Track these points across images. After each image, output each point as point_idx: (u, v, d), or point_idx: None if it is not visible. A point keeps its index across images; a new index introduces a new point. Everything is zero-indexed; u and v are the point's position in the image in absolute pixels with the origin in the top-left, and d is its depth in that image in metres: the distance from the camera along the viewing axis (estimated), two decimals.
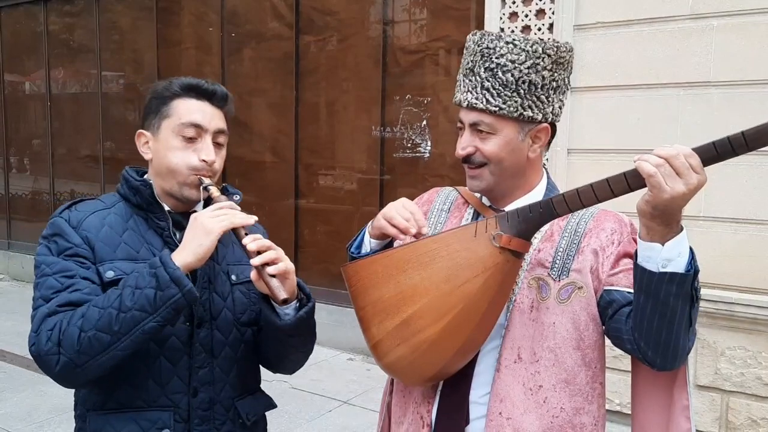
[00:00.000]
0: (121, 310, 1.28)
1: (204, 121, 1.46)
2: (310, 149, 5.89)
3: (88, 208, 1.49)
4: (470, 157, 1.43)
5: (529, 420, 1.37)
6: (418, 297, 1.31)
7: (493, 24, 4.21)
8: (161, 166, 1.47)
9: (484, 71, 1.39)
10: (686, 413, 1.36)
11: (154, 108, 1.49)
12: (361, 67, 5.57)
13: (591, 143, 3.96)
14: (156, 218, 1.48)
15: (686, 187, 1.11)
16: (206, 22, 6.43)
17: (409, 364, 1.35)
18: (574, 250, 1.40)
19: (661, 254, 1.19)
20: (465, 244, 1.30)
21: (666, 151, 1.13)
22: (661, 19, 3.76)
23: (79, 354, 1.28)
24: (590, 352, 1.40)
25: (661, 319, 1.23)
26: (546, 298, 1.39)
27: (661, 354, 1.27)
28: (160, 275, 1.29)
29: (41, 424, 4.01)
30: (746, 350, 3.64)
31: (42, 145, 8.00)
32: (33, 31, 7.86)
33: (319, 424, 4.14)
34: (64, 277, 1.37)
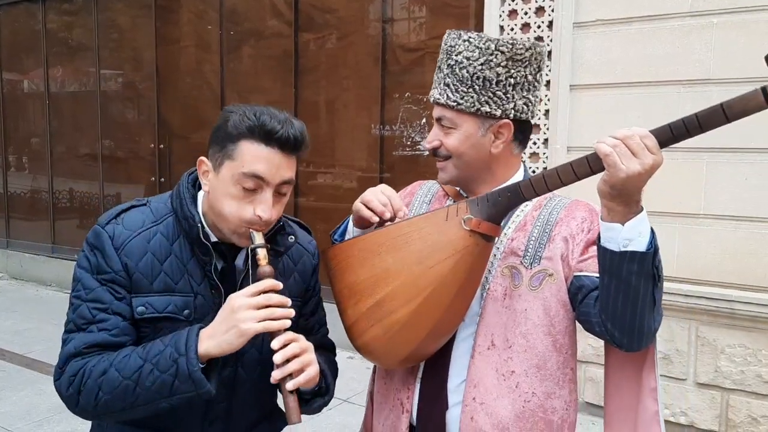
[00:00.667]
0: (139, 386, 1.29)
1: (267, 172, 1.32)
2: (310, 147, 5.87)
3: (135, 225, 1.41)
4: (436, 150, 1.49)
5: (502, 404, 1.42)
6: (391, 279, 1.35)
7: (493, 22, 4.20)
8: (215, 206, 1.37)
9: (447, 68, 1.46)
10: (654, 395, 1.41)
11: (221, 141, 1.35)
12: (360, 65, 5.56)
13: (590, 141, 3.94)
14: (201, 252, 1.40)
15: (641, 167, 1.15)
16: (205, 20, 6.42)
17: (382, 344, 1.39)
18: (545, 239, 1.44)
19: (621, 234, 1.22)
20: (436, 227, 1.34)
21: (622, 133, 1.17)
22: (661, 17, 3.76)
23: (95, 410, 1.32)
24: (561, 337, 1.44)
25: (625, 299, 1.26)
26: (518, 286, 1.43)
27: (628, 334, 1.30)
28: (180, 367, 1.27)
29: (40, 423, 4.00)
30: (746, 348, 3.64)
31: (40, 144, 7.98)
32: (31, 29, 7.85)
33: (319, 422, 4.14)
34: (96, 309, 1.36)
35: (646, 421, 1.41)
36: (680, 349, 3.82)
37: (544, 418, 1.44)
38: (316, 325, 1.62)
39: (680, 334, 3.82)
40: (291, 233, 1.52)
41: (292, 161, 1.38)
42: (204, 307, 1.40)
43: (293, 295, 1.47)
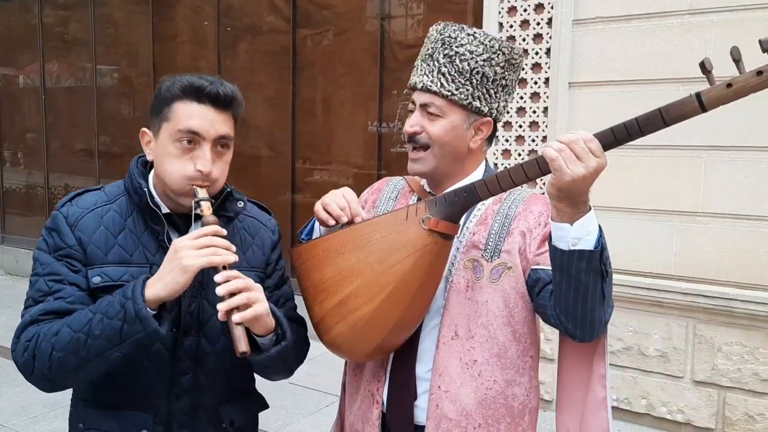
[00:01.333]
0: (90, 336, 1.29)
1: (202, 127, 1.38)
2: (307, 144, 5.87)
3: (88, 204, 1.47)
4: (416, 136, 1.50)
5: (465, 392, 1.48)
6: (354, 277, 1.40)
7: (492, 18, 4.19)
8: (160, 171, 1.43)
9: (443, 57, 1.48)
10: (602, 382, 1.48)
11: (157, 108, 1.43)
12: (358, 61, 5.54)
13: None
14: (152, 222, 1.45)
15: (586, 170, 1.19)
16: (202, 16, 6.39)
17: (347, 340, 1.44)
18: (504, 233, 1.49)
19: (570, 233, 1.27)
20: (397, 227, 1.40)
21: (567, 137, 1.21)
22: (660, 14, 3.75)
23: (50, 371, 1.33)
24: (520, 327, 1.50)
25: (576, 294, 1.31)
26: (480, 278, 1.48)
27: (580, 327, 1.36)
28: (127, 309, 1.28)
29: (36, 419, 3.99)
30: (744, 346, 3.64)
31: (36, 139, 7.95)
32: (27, 24, 7.80)
33: (316, 419, 4.13)
34: (52, 281, 1.39)
35: (595, 405, 1.48)
36: (677, 347, 3.82)
37: (505, 404, 1.50)
38: (281, 298, 1.62)
39: (678, 332, 3.82)
40: (239, 199, 1.55)
41: (227, 118, 1.44)
42: None
43: (254, 267, 1.54)
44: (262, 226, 1.64)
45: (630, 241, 3.92)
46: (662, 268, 3.84)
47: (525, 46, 4.10)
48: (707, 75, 1.15)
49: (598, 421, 1.48)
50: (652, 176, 3.84)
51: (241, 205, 1.54)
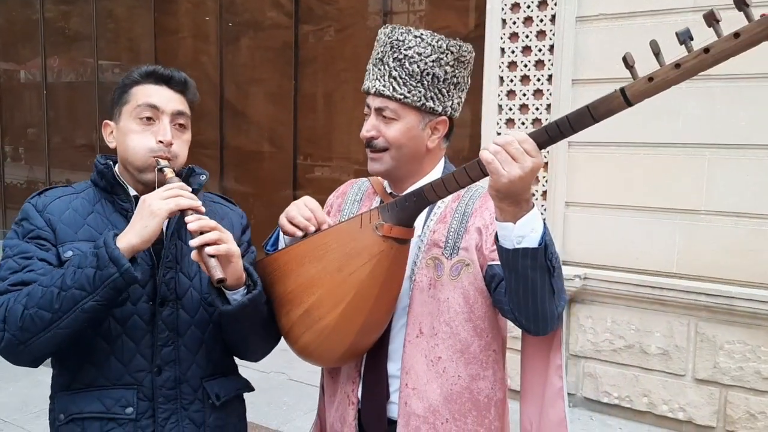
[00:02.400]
0: (62, 288, 1.29)
1: (160, 102, 1.47)
2: (309, 140, 5.86)
3: (56, 193, 1.53)
4: (373, 140, 1.53)
5: (431, 389, 1.51)
6: (316, 287, 1.43)
7: (495, 15, 4.17)
8: (123, 152, 1.49)
9: (393, 61, 1.49)
10: (559, 372, 1.52)
11: (117, 97, 1.52)
12: (360, 57, 5.52)
13: (592, 137, 3.92)
14: (120, 200, 1.50)
15: (522, 171, 1.20)
16: (204, 11, 6.37)
17: (316, 348, 1.48)
18: (462, 230, 1.52)
19: (514, 232, 1.29)
20: (352, 235, 1.42)
21: (502, 139, 1.23)
22: (663, 11, 3.73)
23: (21, 331, 1.31)
24: (481, 323, 1.52)
25: (525, 291, 1.34)
26: (441, 276, 1.51)
27: (533, 321, 1.39)
28: (100, 255, 1.29)
29: (38, 414, 3.99)
30: (745, 344, 3.64)
31: (37, 134, 7.94)
32: (29, 18, 7.79)
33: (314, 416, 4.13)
34: (22, 258, 1.40)
35: (552, 395, 1.52)
36: (679, 345, 3.82)
37: (470, 399, 1.53)
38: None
39: (679, 330, 3.81)
40: (201, 173, 1.58)
41: (183, 99, 1.52)
42: None
43: None
44: (229, 210, 1.68)
45: (632, 239, 3.91)
46: (664, 266, 3.83)
47: (528, 43, 4.09)
48: (630, 70, 1.18)
49: (555, 410, 1.52)
50: (655, 174, 3.83)
51: (204, 177, 1.57)
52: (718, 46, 1.09)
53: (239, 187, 6.12)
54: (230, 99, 6.22)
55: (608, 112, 1.20)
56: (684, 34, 1.12)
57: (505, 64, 4.18)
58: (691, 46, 1.11)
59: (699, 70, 1.13)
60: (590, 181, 4.02)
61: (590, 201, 4.04)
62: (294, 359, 1.63)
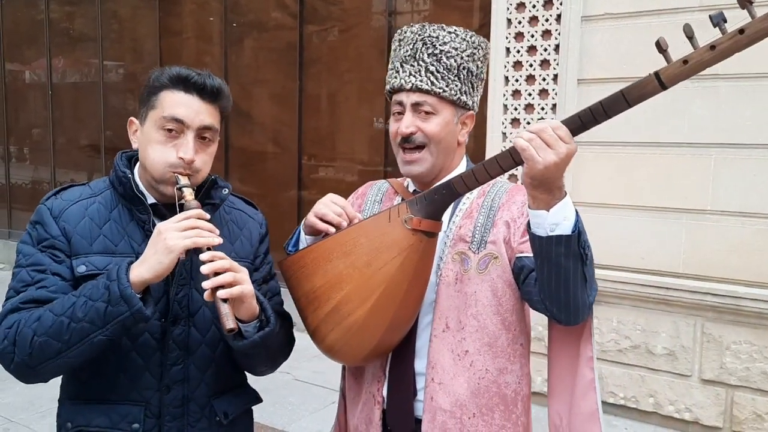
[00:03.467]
0: (73, 320, 1.27)
1: (187, 116, 1.39)
2: (313, 140, 5.86)
3: (72, 196, 1.47)
4: (411, 136, 1.52)
5: (458, 383, 1.51)
6: (344, 283, 1.42)
7: (500, 15, 4.17)
8: (143, 158, 1.44)
9: (429, 57, 1.50)
10: (590, 364, 1.50)
11: (145, 97, 1.45)
12: (364, 57, 5.53)
13: (598, 136, 3.92)
14: (138, 211, 1.45)
15: (557, 157, 1.21)
16: (208, 12, 6.38)
17: (344, 345, 1.46)
18: (490, 224, 1.53)
19: (547, 220, 1.29)
20: (381, 229, 1.42)
21: (536, 126, 1.24)
22: (669, 11, 3.72)
23: (30, 357, 1.30)
24: (509, 316, 1.53)
25: (557, 279, 1.33)
26: (468, 270, 1.51)
27: (564, 311, 1.38)
28: (111, 290, 1.27)
29: (43, 414, 4.00)
30: (752, 344, 3.63)
31: (43, 135, 7.96)
32: (34, 19, 7.81)
33: (321, 415, 4.13)
34: (35, 270, 1.38)
35: (584, 387, 1.50)
36: (685, 345, 3.80)
37: (498, 393, 1.53)
38: (268, 293, 1.61)
39: (685, 330, 3.80)
40: (224, 186, 1.54)
41: (213, 110, 1.44)
42: None
43: (241, 258, 1.53)
44: (249, 218, 1.64)
45: (638, 239, 3.90)
46: (670, 266, 3.82)
47: (534, 43, 4.08)
48: (663, 54, 1.19)
49: (587, 402, 1.50)
50: (661, 174, 3.82)
51: (226, 191, 1.53)
52: (754, 26, 1.10)
53: (244, 187, 6.13)
54: (234, 99, 6.13)
55: (642, 96, 1.20)
56: (717, 17, 1.12)
57: (510, 63, 4.17)
58: (725, 28, 1.11)
59: (734, 51, 1.13)
60: (596, 180, 4.01)
61: (596, 201, 4.03)
62: (299, 359, 1.64)
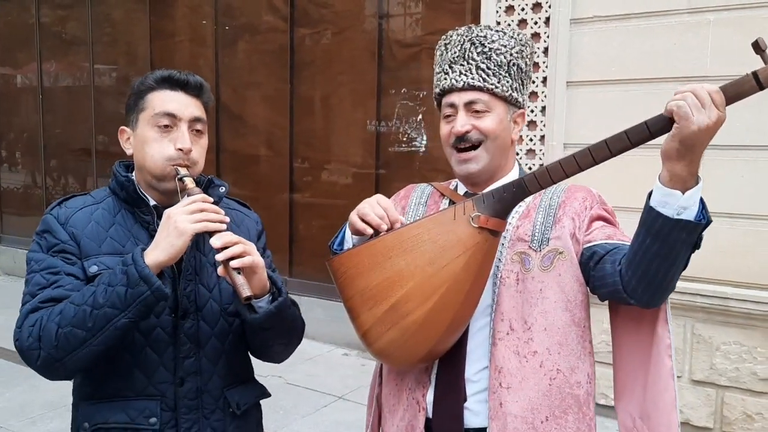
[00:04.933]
0: (95, 307, 1.31)
1: (178, 109, 1.47)
2: (306, 143, 5.86)
3: (76, 204, 1.52)
4: (466, 135, 1.50)
5: (528, 386, 1.45)
6: (405, 281, 1.36)
7: (490, 18, 4.18)
8: (140, 159, 1.49)
9: (478, 55, 1.50)
10: (669, 352, 1.45)
11: (133, 104, 1.51)
12: (356, 60, 5.53)
13: (587, 138, 3.93)
14: (141, 212, 1.50)
15: (709, 120, 1.16)
16: (200, 15, 6.38)
17: (399, 346, 1.41)
18: (550, 222, 1.50)
19: (679, 201, 1.24)
20: (445, 227, 1.37)
21: (690, 86, 1.19)
22: (658, 13, 3.75)
23: (57, 349, 1.33)
24: (578, 312, 1.48)
25: (663, 262, 1.29)
26: (530, 269, 1.47)
27: (652, 292, 1.34)
28: (130, 273, 1.31)
29: (34, 420, 3.98)
30: (741, 345, 3.65)
31: (34, 139, 7.93)
32: (25, 23, 7.79)
33: (313, 419, 4.13)
34: (49, 273, 1.41)
35: (665, 378, 1.43)
36: (676, 346, 3.81)
37: (571, 394, 1.46)
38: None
39: (675, 331, 3.81)
40: (221, 185, 1.58)
41: (199, 103, 1.52)
42: None
43: None
44: (245, 216, 1.70)
45: None
46: None
47: None
48: (761, 54, 1.18)
49: (669, 393, 1.43)
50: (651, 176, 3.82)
51: (224, 189, 1.58)
52: None
53: (236, 190, 6.11)
54: (226, 102, 6.22)
55: (737, 96, 1.19)
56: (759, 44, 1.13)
57: None
58: None
59: None
60: (587, 182, 4.01)
61: None
62: (292, 363, 1.63)
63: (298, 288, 5.40)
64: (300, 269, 5.79)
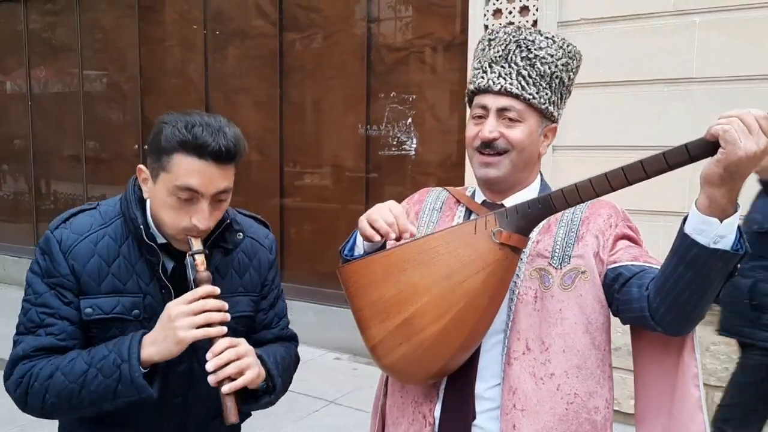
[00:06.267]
0: (84, 389, 1.34)
1: (201, 186, 1.33)
2: (296, 147, 5.86)
3: (82, 228, 1.43)
4: (493, 142, 1.43)
5: (543, 409, 1.38)
6: (419, 296, 1.30)
7: (477, 21, 4.21)
8: (155, 214, 1.41)
9: (522, 60, 1.42)
10: (696, 381, 1.37)
11: (156, 152, 1.36)
12: (346, 64, 5.54)
13: (576, 140, 3.96)
14: (148, 253, 1.43)
15: (757, 146, 1.10)
16: (189, 20, 6.37)
17: (411, 363, 1.35)
18: (572, 238, 1.43)
19: (717, 230, 1.17)
20: (465, 240, 1.31)
21: (737, 111, 1.13)
22: (644, 16, 3.78)
23: (42, 411, 1.40)
24: (599, 335, 1.42)
25: (695, 291, 1.23)
26: (549, 287, 1.40)
27: (681, 321, 1.28)
28: (123, 372, 1.32)
29: (23, 428, 3.96)
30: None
31: (23, 145, 7.90)
32: (13, 29, 7.76)
33: (305, 423, 4.13)
34: (44, 313, 1.40)
35: (691, 408, 1.37)
36: None
37: (588, 419, 1.40)
38: (275, 318, 1.65)
39: None
40: (239, 230, 1.53)
41: (228, 171, 1.38)
42: (153, 307, 1.43)
43: (249, 291, 1.55)
44: (260, 247, 1.62)
45: None
46: None
47: None
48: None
49: (696, 424, 1.36)
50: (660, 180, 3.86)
51: (240, 236, 1.53)
52: None
53: None
54: (216, 107, 6.22)
55: None
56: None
57: None
58: None
59: None
60: None
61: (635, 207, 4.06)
62: None
63: (290, 292, 5.37)
64: (291, 273, 5.78)
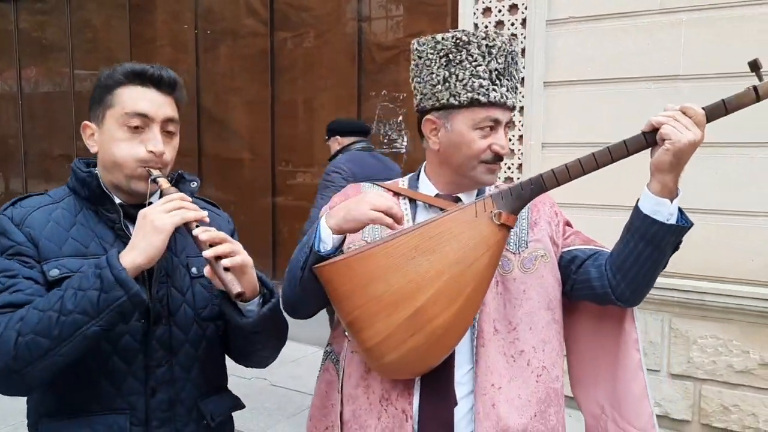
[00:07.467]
0: (62, 313, 1.19)
1: (150, 109, 1.35)
2: (287, 146, 5.87)
3: (33, 204, 1.40)
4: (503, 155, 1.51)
5: (517, 385, 1.46)
6: (430, 283, 1.29)
7: (467, 20, 4.23)
8: (107, 159, 1.38)
9: (516, 72, 1.52)
10: (636, 345, 1.54)
11: (98, 98, 1.38)
12: (336, 63, 5.56)
13: (564, 137, 4.00)
14: (106, 211, 1.39)
15: (695, 137, 1.31)
16: (180, 20, 6.38)
17: (421, 354, 1.33)
18: (525, 225, 1.54)
19: (668, 209, 1.36)
20: (468, 225, 1.35)
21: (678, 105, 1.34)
22: (632, 14, 3.81)
23: (15, 359, 1.19)
24: (557, 310, 1.54)
25: (653, 264, 1.40)
26: (509, 271, 1.50)
27: (638, 291, 1.44)
28: (104, 276, 1.20)
29: (16, 426, 3.95)
30: (717, 338, 3.71)
31: (14, 145, 7.88)
32: (3, 29, 7.74)
33: (298, 420, 4.14)
34: (5, 277, 1.28)
35: (633, 368, 1.53)
36: (653, 340, 3.88)
37: (553, 388, 1.50)
38: None
39: (653, 326, 3.88)
40: (192, 180, 1.49)
41: (172, 102, 1.41)
42: None
43: (192, 256, 1.48)
44: (216, 216, 1.60)
45: (606, 238, 3.95)
46: None
47: None
48: (757, 72, 1.33)
49: (637, 383, 1.53)
50: (626, 173, 3.89)
51: (195, 184, 1.49)
52: None
53: (218, 194, 6.12)
54: (207, 107, 6.23)
55: (738, 107, 1.35)
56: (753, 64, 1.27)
57: None
58: None
59: None
60: None
61: (564, 200, 4.07)
62: (275, 364, 1.59)
63: None
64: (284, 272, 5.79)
